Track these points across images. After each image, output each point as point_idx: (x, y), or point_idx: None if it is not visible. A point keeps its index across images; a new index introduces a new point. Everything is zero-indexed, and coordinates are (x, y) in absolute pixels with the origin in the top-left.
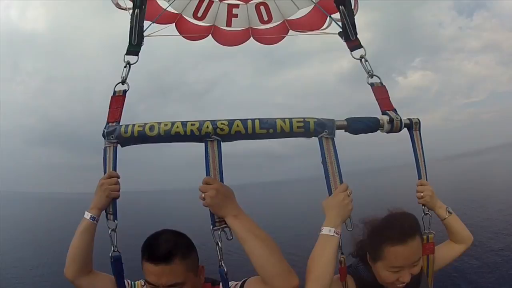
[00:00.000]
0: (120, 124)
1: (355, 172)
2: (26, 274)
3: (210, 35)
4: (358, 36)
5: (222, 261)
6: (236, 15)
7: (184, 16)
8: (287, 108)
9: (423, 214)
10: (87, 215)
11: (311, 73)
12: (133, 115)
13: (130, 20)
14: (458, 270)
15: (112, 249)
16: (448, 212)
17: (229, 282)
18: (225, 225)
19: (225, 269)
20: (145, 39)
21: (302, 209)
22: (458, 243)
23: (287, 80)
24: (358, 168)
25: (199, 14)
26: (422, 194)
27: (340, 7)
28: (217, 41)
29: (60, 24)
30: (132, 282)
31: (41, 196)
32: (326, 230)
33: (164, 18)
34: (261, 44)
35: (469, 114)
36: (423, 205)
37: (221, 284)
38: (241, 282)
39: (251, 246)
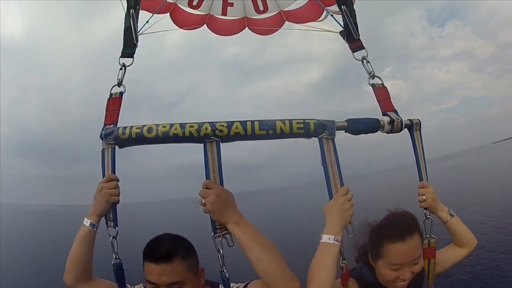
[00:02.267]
0: (118, 126)
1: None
2: None
3: (205, 25)
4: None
5: (223, 267)
6: (231, 4)
7: (179, 5)
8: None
9: (424, 218)
10: (86, 221)
11: (280, 84)
12: (102, 126)
13: (124, 22)
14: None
15: (114, 256)
16: (450, 214)
17: (230, 284)
18: (226, 231)
19: (227, 275)
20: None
21: (275, 219)
22: (461, 246)
23: (257, 92)
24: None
25: (194, 3)
26: (424, 197)
27: (342, 7)
28: (212, 31)
29: (36, 32)
30: (132, 287)
31: (9, 208)
32: (326, 238)
33: (160, 8)
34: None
35: (440, 121)
36: (425, 208)
37: (221, 286)
38: (243, 284)
39: (254, 252)
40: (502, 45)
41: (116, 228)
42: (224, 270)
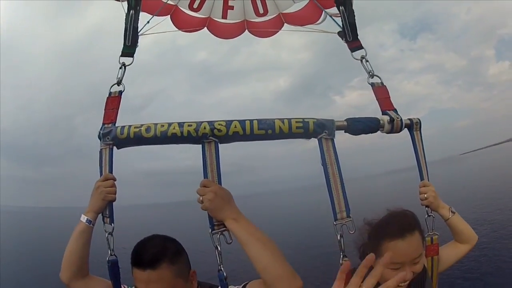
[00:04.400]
0: (116, 125)
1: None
2: None
3: (206, 27)
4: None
5: (221, 266)
6: (232, 7)
7: (180, 8)
8: None
9: (426, 215)
10: (83, 218)
11: (247, 91)
12: (72, 128)
13: (124, 21)
14: None
15: (109, 253)
16: (451, 212)
17: (229, 287)
18: (224, 228)
19: (225, 274)
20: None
21: None
22: (463, 243)
23: (224, 98)
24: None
25: (195, 6)
26: (425, 195)
27: (341, 7)
28: (212, 33)
29: (9, 28)
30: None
31: None
32: None
33: (162, 10)
34: (256, 37)
35: (406, 131)
36: (427, 206)
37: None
38: (241, 286)
39: (253, 249)
40: (474, 59)
41: (112, 224)
42: (222, 269)
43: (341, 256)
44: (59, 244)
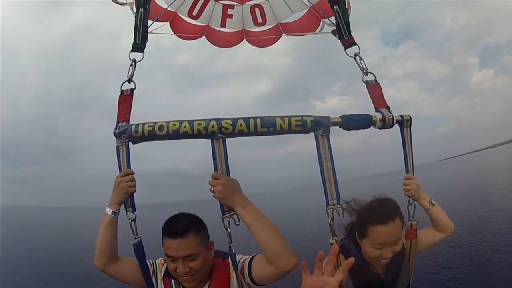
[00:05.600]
0: (130, 123)
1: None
2: None
3: (204, 36)
4: (352, 34)
5: (231, 244)
6: (231, 16)
7: (179, 15)
8: None
9: (408, 204)
10: (109, 210)
11: (228, 94)
12: (51, 128)
13: (134, 19)
14: None
15: (134, 236)
16: (431, 203)
17: (238, 256)
18: (233, 212)
19: (234, 251)
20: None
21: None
22: (440, 231)
23: (205, 101)
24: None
25: (194, 13)
26: (408, 187)
27: (335, 7)
28: (210, 42)
29: None
30: (154, 262)
31: None
32: None
33: (161, 17)
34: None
35: (386, 137)
36: (409, 196)
37: (230, 258)
38: (249, 258)
39: (258, 232)
40: (457, 67)
41: (135, 213)
42: (232, 246)
43: (331, 236)
44: (39, 242)
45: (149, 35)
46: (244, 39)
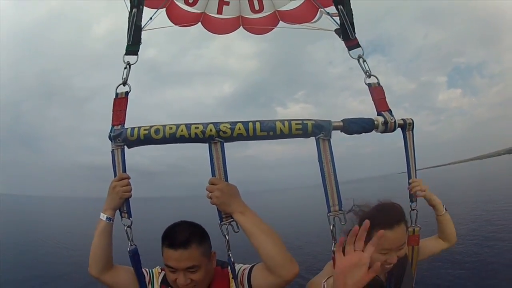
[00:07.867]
0: (126, 126)
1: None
2: None
3: (200, 22)
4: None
5: (230, 252)
6: (227, 3)
7: (175, 2)
8: None
9: (410, 209)
10: (103, 216)
11: (191, 94)
12: (16, 115)
13: (127, 20)
14: None
15: (129, 243)
16: (445, 209)
17: (237, 265)
18: (231, 219)
19: (232, 259)
20: None
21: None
22: (444, 240)
23: (168, 100)
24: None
25: (191, 0)
26: (423, 187)
27: (339, 6)
28: (206, 29)
29: None
30: (150, 270)
31: None
32: None
33: (157, 3)
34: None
35: (348, 147)
36: (424, 197)
37: (229, 267)
38: (249, 267)
39: (258, 239)
40: (423, 84)
41: (130, 219)
42: (230, 254)
43: (333, 243)
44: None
45: (142, 33)
46: (241, 26)
